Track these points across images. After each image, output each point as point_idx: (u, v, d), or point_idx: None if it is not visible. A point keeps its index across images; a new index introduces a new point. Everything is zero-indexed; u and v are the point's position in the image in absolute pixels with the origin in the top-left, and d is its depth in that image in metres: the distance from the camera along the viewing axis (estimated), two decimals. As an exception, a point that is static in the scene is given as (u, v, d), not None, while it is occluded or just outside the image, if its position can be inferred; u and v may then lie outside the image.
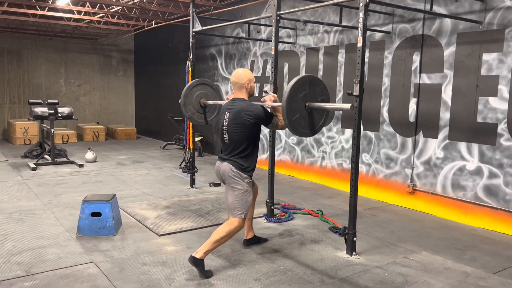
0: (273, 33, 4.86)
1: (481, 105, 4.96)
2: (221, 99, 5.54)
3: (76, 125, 12.95)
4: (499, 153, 4.83)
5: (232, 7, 8.44)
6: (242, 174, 3.57)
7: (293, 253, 4.09)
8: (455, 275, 3.66)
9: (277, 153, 8.03)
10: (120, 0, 8.71)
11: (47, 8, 9.46)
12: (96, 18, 10.19)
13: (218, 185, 6.85)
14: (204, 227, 4.79)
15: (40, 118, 8.46)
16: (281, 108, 3.53)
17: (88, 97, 13.80)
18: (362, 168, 6.40)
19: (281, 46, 7.71)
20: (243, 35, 8.77)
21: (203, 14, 8.33)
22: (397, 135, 5.95)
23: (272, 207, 5.13)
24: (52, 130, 8.27)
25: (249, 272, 3.62)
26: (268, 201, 5.12)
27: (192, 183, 6.81)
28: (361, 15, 3.77)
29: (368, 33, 6.11)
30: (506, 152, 4.77)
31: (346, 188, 6.50)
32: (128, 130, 13.20)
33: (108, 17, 10.45)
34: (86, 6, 9.24)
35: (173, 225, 4.81)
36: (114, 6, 9.23)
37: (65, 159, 8.72)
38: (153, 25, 10.66)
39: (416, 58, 5.64)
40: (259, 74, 8.48)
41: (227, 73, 9.58)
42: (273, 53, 4.91)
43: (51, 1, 8.82)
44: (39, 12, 9.37)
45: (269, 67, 8.18)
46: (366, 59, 6.20)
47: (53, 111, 8.34)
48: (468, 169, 5.14)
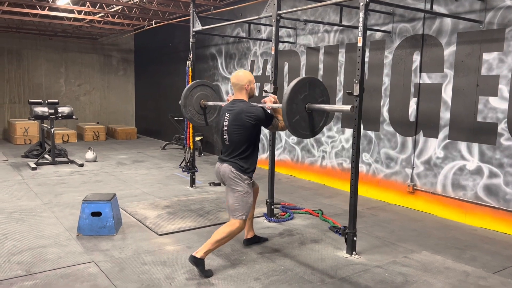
0: (273, 32, 4.86)
1: (481, 104, 4.96)
2: (221, 100, 5.54)
3: (76, 124, 12.95)
4: (499, 153, 4.83)
5: (232, 7, 8.44)
6: (242, 175, 3.57)
7: (293, 252, 4.10)
8: (455, 274, 3.66)
9: (277, 152, 8.03)
10: (120, 0, 8.71)
11: (47, 7, 9.45)
12: (96, 17, 10.19)
13: (218, 184, 6.85)
14: (204, 226, 4.79)
15: (40, 117, 8.47)
16: (281, 109, 3.53)
17: (88, 96, 13.80)
18: (362, 168, 6.40)
19: (281, 46, 7.71)
20: (243, 34, 8.77)
21: (203, 14, 8.34)
22: (397, 134, 5.95)
23: (272, 207, 5.13)
24: (52, 129, 8.27)
25: (249, 272, 3.63)
26: (268, 200, 5.12)
27: (192, 182, 6.81)
28: (361, 14, 3.77)
29: (368, 32, 6.10)
30: (506, 151, 4.77)
31: (346, 187, 6.50)
32: (128, 130, 13.20)
33: (108, 16, 10.45)
34: (86, 6, 9.24)
35: (173, 224, 4.81)
36: (114, 6, 9.23)
37: (65, 159, 8.73)
38: (153, 25, 10.66)
39: (416, 58, 5.63)
40: (259, 73, 8.48)
41: (227, 72, 9.57)
42: (273, 52, 4.90)
43: (51, 0, 8.81)
44: (39, 11, 9.37)
45: (269, 66, 8.18)
46: (366, 59, 6.20)
47: (53, 110, 8.34)
48: (468, 168, 5.14)
